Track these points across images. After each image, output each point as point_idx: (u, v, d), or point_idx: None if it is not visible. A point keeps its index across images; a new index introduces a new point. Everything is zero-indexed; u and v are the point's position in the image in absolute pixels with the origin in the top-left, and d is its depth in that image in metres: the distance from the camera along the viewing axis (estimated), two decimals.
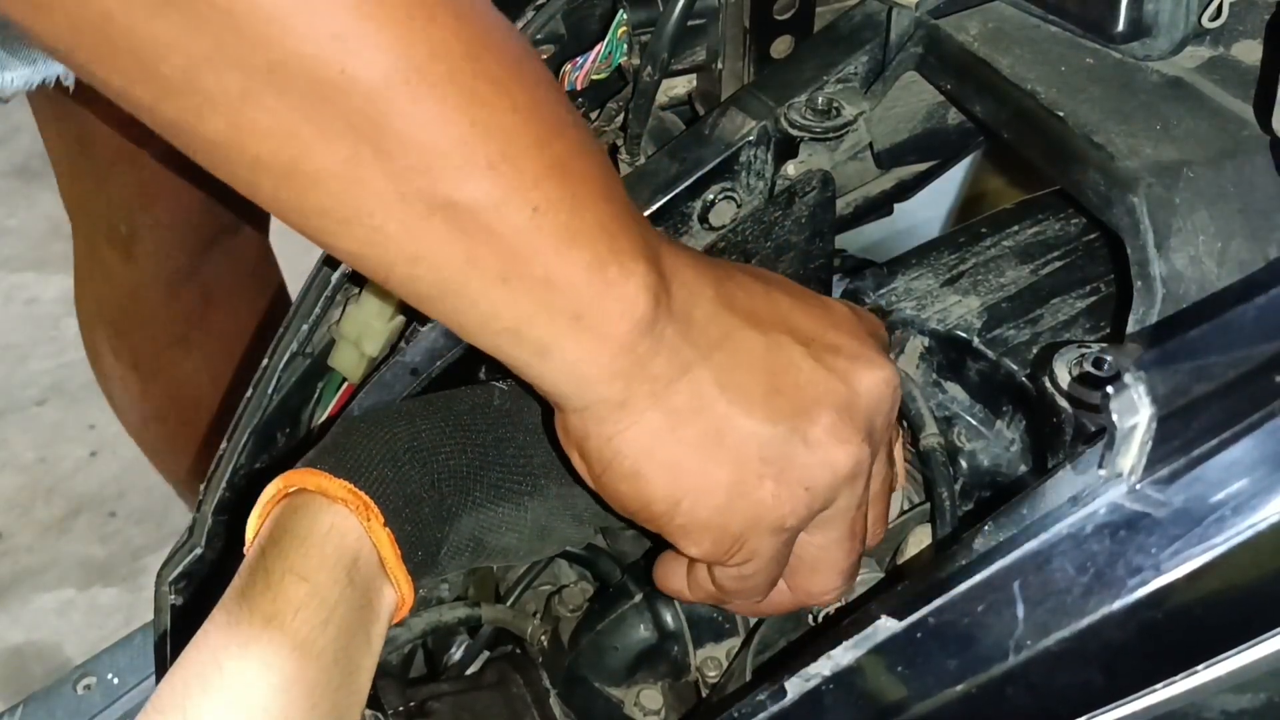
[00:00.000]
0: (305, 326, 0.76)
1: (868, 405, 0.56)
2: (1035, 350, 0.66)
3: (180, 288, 1.24)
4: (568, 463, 0.57)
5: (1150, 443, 0.42)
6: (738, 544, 0.55)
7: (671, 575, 0.61)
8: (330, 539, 0.52)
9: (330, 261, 0.77)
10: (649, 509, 0.54)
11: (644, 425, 0.51)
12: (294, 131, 0.43)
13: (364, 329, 0.76)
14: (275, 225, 1.33)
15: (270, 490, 0.54)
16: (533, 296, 0.48)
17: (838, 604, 0.64)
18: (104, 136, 1.08)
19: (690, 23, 0.71)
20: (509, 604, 0.76)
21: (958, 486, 0.67)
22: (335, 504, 0.52)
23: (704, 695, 0.68)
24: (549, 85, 0.48)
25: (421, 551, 0.55)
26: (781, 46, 0.73)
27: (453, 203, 0.45)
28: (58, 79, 0.93)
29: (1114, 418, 0.42)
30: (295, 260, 1.31)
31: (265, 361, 0.77)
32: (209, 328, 1.30)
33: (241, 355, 1.30)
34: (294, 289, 1.07)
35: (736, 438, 0.53)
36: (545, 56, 0.74)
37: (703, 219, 0.69)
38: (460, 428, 0.58)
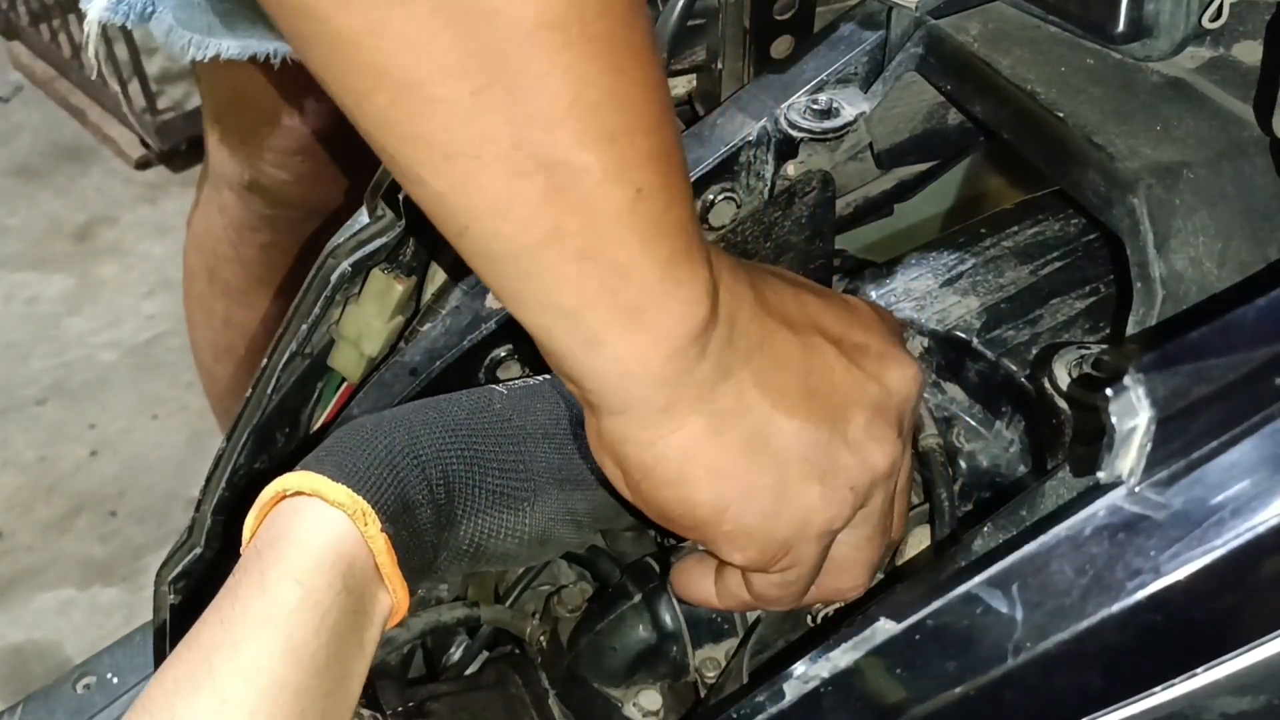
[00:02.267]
0: (305, 327, 0.76)
1: (899, 403, 0.56)
2: (1034, 351, 0.66)
3: (283, 236, 1.35)
4: (586, 468, 0.57)
5: (1150, 445, 0.42)
6: (783, 549, 0.54)
7: (696, 583, 0.60)
8: (327, 543, 0.51)
9: (329, 259, 0.77)
10: (693, 515, 0.53)
11: (688, 430, 0.50)
12: (433, 49, 0.41)
13: (364, 329, 0.76)
14: None
15: (268, 492, 0.54)
16: (604, 281, 0.46)
17: (837, 605, 0.64)
18: (257, 104, 1.22)
19: (690, 23, 0.71)
20: (508, 604, 0.76)
21: (956, 487, 0.67)
22: (333, 508, 0.52)
23: (702, 696, 0.68)
24: (661, 65, 0.48)
25: (418, 557, 0.55)
26: (782, 46, 0.73)
27: (563, 165, 0.43)
28: (265, 55, 1.08)
29: (1113, 420, 0.42)
30: None
31: (265, 361, 0.77)
32: (295, 277, 1.40)
33: None
34: None
35: (780, 440, 0.52)
36: None
37: (702, 219, 0.69)
38: (459, 433, 0.58)
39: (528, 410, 0.60)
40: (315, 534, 0.51)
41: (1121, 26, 0.62)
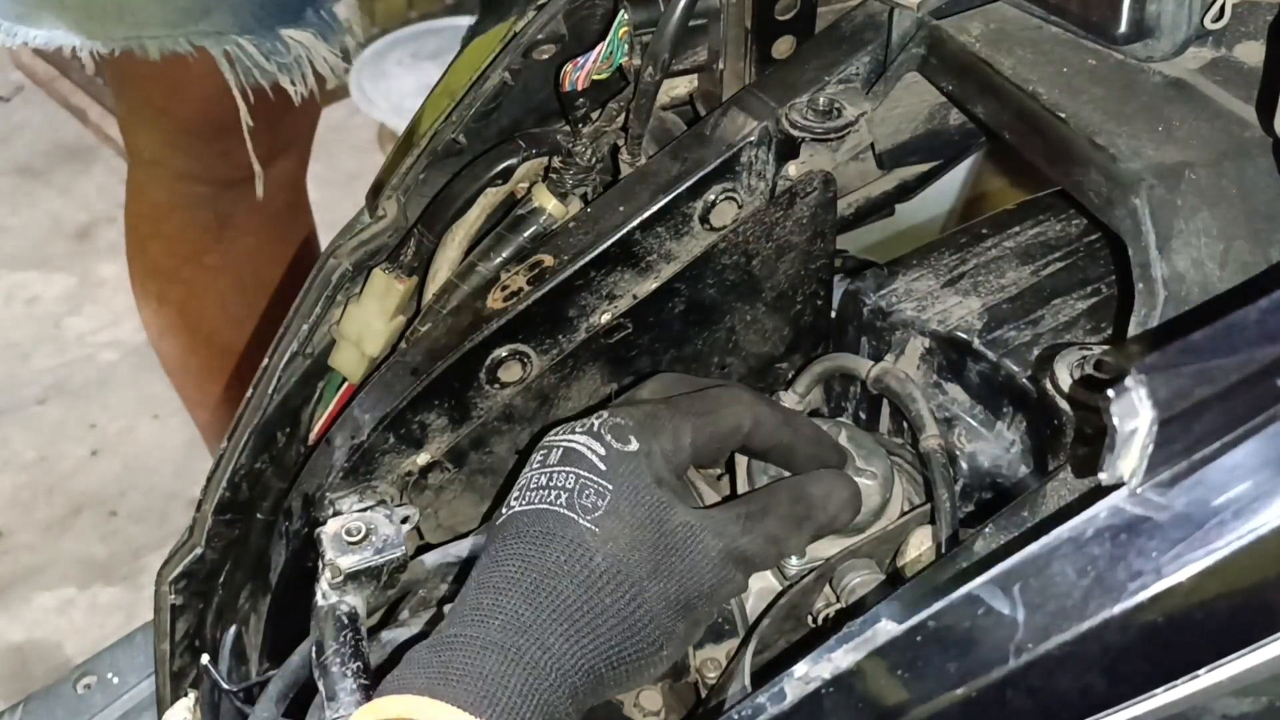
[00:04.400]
0: (305, 327, 0.76)
1: None
2: (1036, 352, 0.66)
3: (197, 211, 1.42)
4: (702, 574, 0.57)
5: (1151, 446, 0.42)
6: None
7: None
8: None
9: (330, 258, 0.77)
10: None
11: None
12: None
13: (364, 329, 0.76)
14: (313, 176, 1.53)
15: (389, 709, 0.50)
16: None
17: (838, 605, 0.64)
18: (141, 85, 1.31)
19: (691, 23, 0.71)
20: None
21: (958, 488, 0.67)
22: None
23: (703, 696, 0.68)
24: None
25: None
26: (783, 47, 0.73)
27: None
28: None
29: (1115, 421, 0.42)
30: (332, 209, 1.54)
31: (265, 361, 0.77)
32: (224, 253, 1.46)
33: (264, 295, 1.49)
34: (326, 237, 1.18)
35: None
36: (546, 56, 0.74)
37: (704, 219, 0.69)
38: (582, 620, 0.54)
39: (625, 546, 0.56)
40: None
41: (1124, 27, 0.62)
